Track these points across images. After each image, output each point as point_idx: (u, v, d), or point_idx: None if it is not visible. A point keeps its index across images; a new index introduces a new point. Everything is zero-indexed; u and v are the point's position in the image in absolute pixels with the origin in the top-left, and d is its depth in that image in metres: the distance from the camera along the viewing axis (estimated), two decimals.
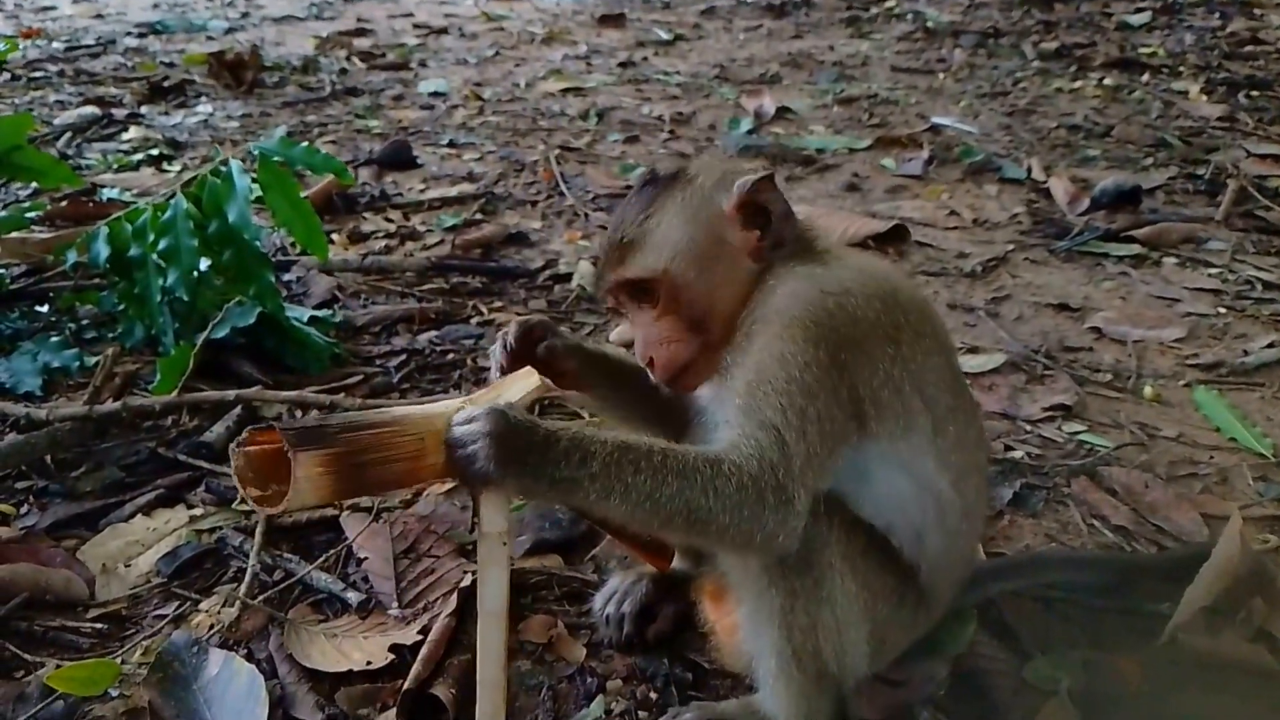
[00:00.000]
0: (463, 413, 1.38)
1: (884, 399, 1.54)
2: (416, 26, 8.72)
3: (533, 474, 1.36)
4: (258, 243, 2.85)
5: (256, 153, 2.86)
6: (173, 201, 2.85)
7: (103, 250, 2.91)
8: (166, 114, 5.90)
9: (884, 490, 1.61)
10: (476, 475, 1.35)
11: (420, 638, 1.92)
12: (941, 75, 7.13)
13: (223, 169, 2.84)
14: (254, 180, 2.86)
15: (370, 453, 1.36)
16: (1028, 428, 2.79)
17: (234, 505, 2.40)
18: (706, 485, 1.38)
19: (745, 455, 1.42)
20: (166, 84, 6.40)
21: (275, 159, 2.84)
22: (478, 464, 1.34)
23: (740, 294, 1.62)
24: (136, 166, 4.92)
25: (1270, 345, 3.24)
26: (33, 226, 3.75)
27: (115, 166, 4.89)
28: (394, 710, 1.77)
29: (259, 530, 2.26)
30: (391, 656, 1.89)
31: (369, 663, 1.87)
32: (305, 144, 2.91)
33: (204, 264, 2.94)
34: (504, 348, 1.73)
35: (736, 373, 1.53)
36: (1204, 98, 6.30)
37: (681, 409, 1.74)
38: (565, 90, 6.64)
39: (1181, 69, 7.01)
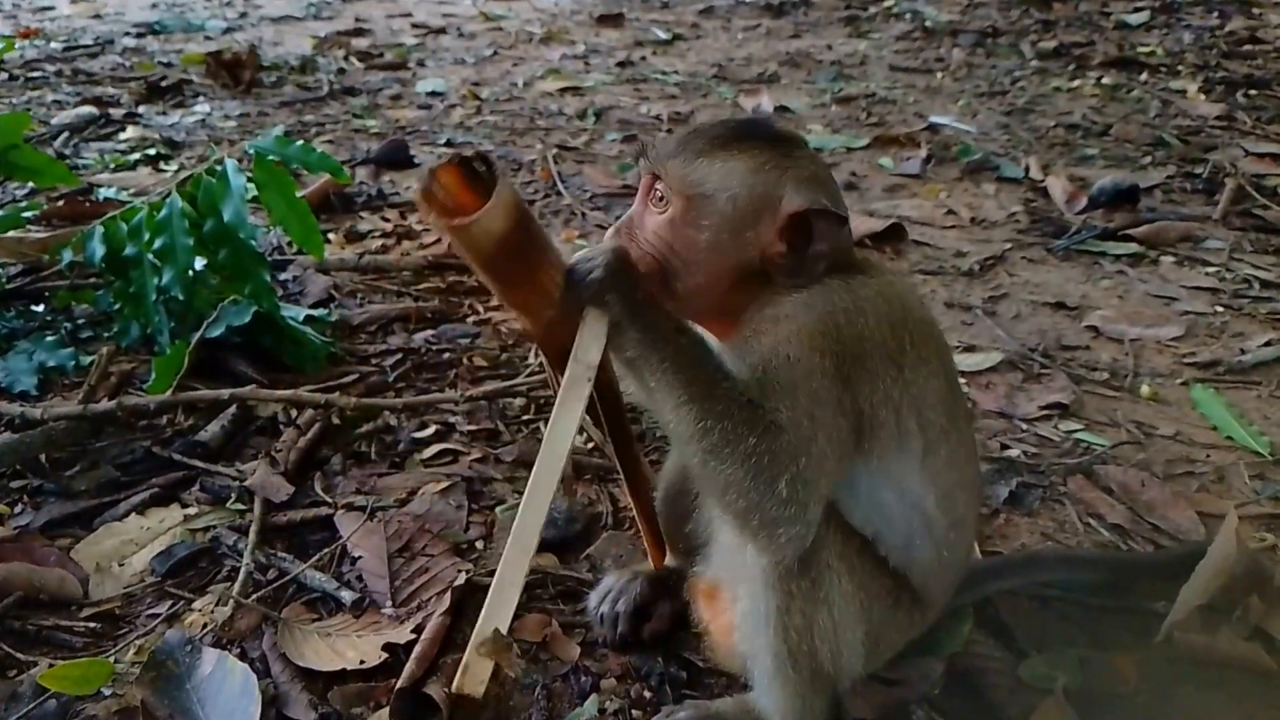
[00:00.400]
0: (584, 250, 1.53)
1: (881, 417, 1.53)
2: (415, 26, 8.71)
3: (631, 311, 1.48)
4: (253, 242, 2.84)
5: (252, 151, 2.86)
6: (168, 200, 2.84)
7: (98, 249, 2.90)
8: (164, 114, 5.89)
9: (870, 503, 1.61)
10: (588, 287, 1.48)
11: (414, 636, 1.91)
12: (940, 74, 7.13)
13: (218, 168, 2.84)
14: (250, 179, 2.86)
15: (534, 224, 1.52)
16: (1024, 426, 2.78)
17: (228, 505, 2.40)
18: (738, 425, 1.42)
19: (775, 423, 1.43)
20: (164, 84, 6.39)
21: (271, 158, 2.83)
22: (594, 276, 1.47)
23: (725, 281, 1.57)
24: (133, 166, 4.91)
25: (1268, 344, 3.24)
26: (29, 226, 3.74)
27: (112, 166, 4.88)
28: (387, 709, 1.77)
29: (253, 529, 2.26)
30: (385, 655, 1.89)
31: (362, 662, 1.87)
32: (301, 142, 2.90)
33: (199, 263, 2.94)
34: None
35: (741, 370, 1.52)
36: (1202, 97, 6.30)
37: None
38: (563, 90, 6.63)
39: (1180, 68, 7.01)
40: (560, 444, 1.53)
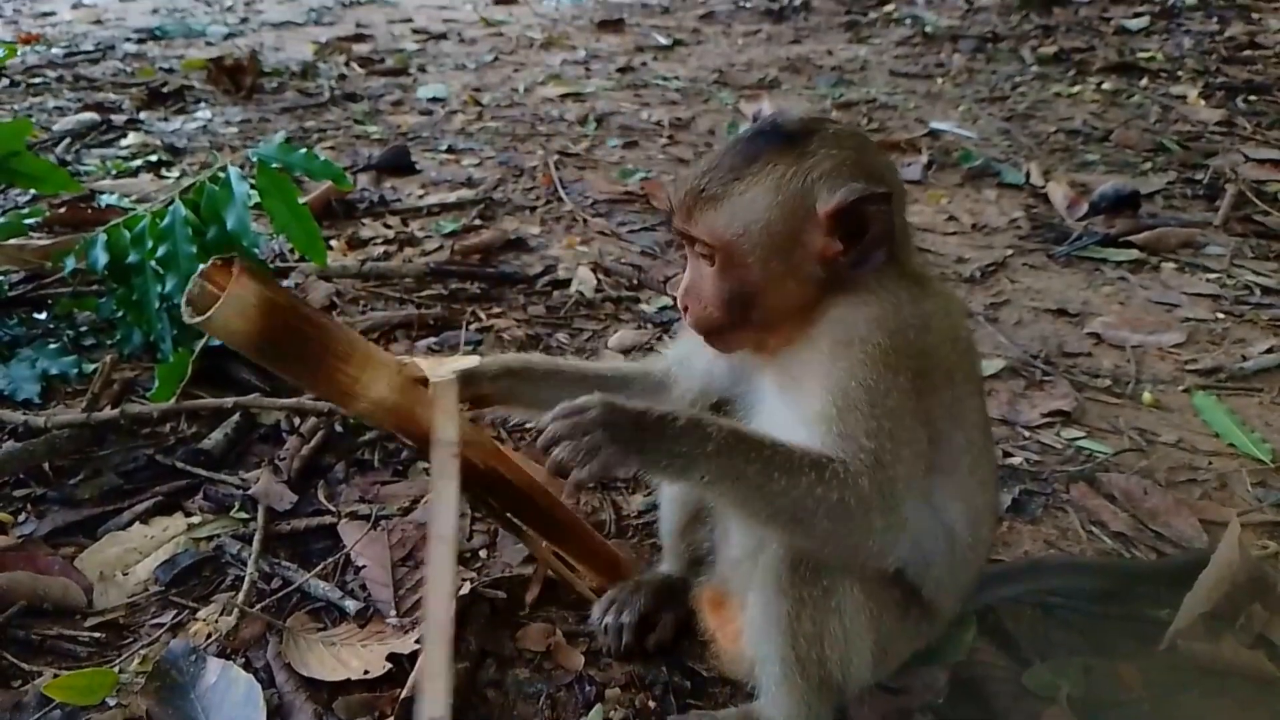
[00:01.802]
0: (565, 404, 1.45)
1: (944, 431, 1.55)
2: (415, 32, 8.72)
3: (652, 455, 1.42)
4: (256, 249, 2.84)
5: (255, 159, 2.86)
6: (171, 208, 2.84)
7: (101, 256, 2.90)
8: (165, 120, 5.89)
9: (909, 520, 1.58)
10: (583, 465, 1.40)
11: (418, 646, 1.91)
12: (940, 80, 7.14)
13: (221, 175, 2.84)
14: (252, 186, 2.86)
15: (311, 327, 1.48)
16: (1027, 433, 2.79)
17: (232, 513, 2.40)
18: (812, 486, 1.42)
19: (850, 470, 1.44)
20: (165, 90, 6.40)
21: (274, 165, 2.83)
22: (592, 459, 1.40)
23: (799, 296, 1.54)
24: (135, 172, 4.91)
25: (1269, 350, 3.24)
26: (31, 232, 3.74)
27: (114, 172, 4.88)
28: (392, 719, 1.76)
29: (257, 538, 2.26)
30: (389, 665, 1.89)
31: (367, 672, 1.86)
32: (304, 150, 2.90)
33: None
34: None
35: (812, 386, 1.51)
36: (1202, 102, 6.31)
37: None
38: (564, 95, 6.64)
39: (1180, 73, 7.02)
40: (445, 527, 1.46)
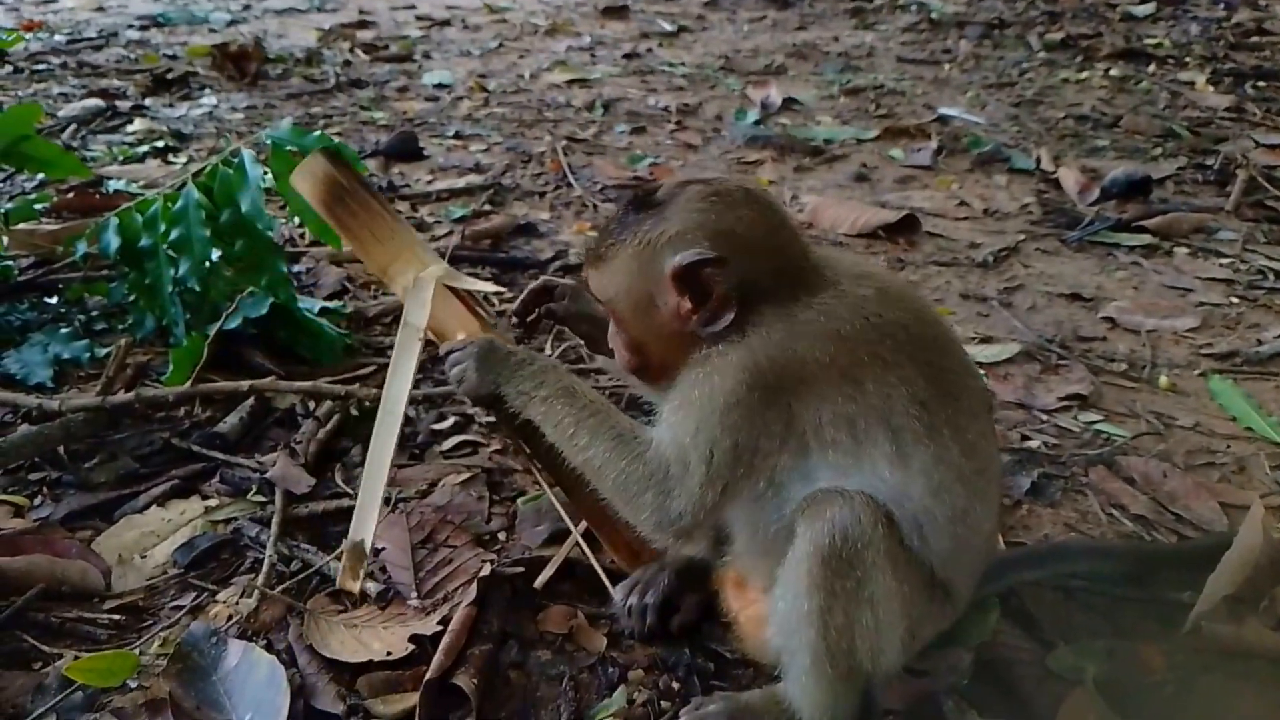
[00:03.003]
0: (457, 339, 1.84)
1: (829, 435, 1.57)
2: (419, 18, 8.68)
3: (505, 387, 1.75)
4: (270, 233, 2.83)
5: (269, 142, 2.84)
6: (184, 191, 2.83)
7: (113, 241, 2.89)
8: (171, 106, 5.87)
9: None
10: (460, 385, 1.79)
11: (440, 628, 1.91)
12: (947, 66, 7.11)
13: (234, 159, 2.82)
14: (266, 170, 2.84)
15: (361, 207, 1.96)
16: (1044, 417, 2.78)
17: (249, 496, 2.39)
18: (610, 451, 1.65)
19: (652, 453, 1.62)
20: (170, 76, 6.37)
21: (288, 148, 2.81)
22: (465, 380, 1.77)
23: (681, 345, 1.64)
24: (142, 159, 4.89)
25: None
26: (39, 218, 3.73)
27: (120, 158, 4.86)
28: (416, 698, 1.76)
29: (275, 521, 2.25)
30: (412, 647, 1.88)
31: (389, 653, 1.86)
32: (319, 133, 2.88)
33: (214, 254, 2.92)
34: (519, 309, 2.05)
35: (676, 390, 1.63)
36: (1211, 88, 6.29)
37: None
38: (570, 81, 6.61)
39: (1188, 59, 7.00)
40: (398, 395, 1.88)
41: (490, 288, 2.09)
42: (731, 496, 1.61)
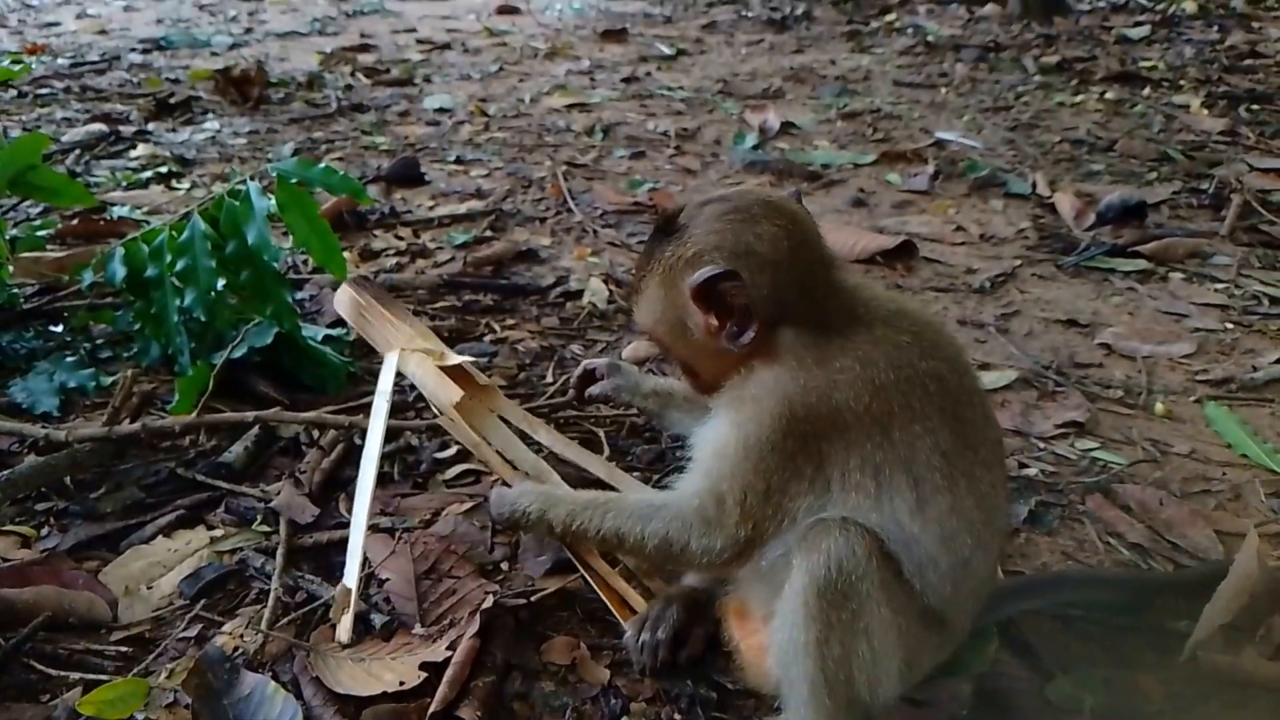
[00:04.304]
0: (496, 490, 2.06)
1: (854, 480, 1.62)
2: (420, 42, 8.77)
3: (522, 528, 2.07)
4: (275, 264, 2.86)
5: (274, 174, 2.88)
6: (190, 222, 2.86)
7: (119, 270, 2.92)
8: (174, 130, 5.92)
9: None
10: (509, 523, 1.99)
11: (450, 653, 1.92)
12: (943, 90, 7.18)
13: (240, 189, 2.86)
14: (272, 200, 2.88)
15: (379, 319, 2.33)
16: (1041, 445, 2.80)
17: (254, 526, 2.41)
18: (642, 529, 1.77)
19: (686, 504, 1.72)
20: (173, 100, 6.42)
21: (293, 180, 2.85)
22: (511, 515, 1.96)
23: (722, 362, 1.72)
24: (145, 184, 4.93)
25: (1279, 361, 3.26)
26: (44, 246, 3.76)
27: (124, 184, 4.90)
28: None
29: (280, 551, 2.27)
30: (425, 675, 1.89)
31: (402, 683, 1.86)
32: (325, 165, 2.91)
33: (220, 284, 2.95)
34: (574, 399, 2.38)
35: (710, 429, 1.74)
36: (1205, 111, 6.35)
37: None
38: (570, 105, 6.67)
39: (1182, 82, 7.07)
40: (373, 450, 2.12)
41: (468, 359, 2.31)
42: (762, 533, 1.68)
